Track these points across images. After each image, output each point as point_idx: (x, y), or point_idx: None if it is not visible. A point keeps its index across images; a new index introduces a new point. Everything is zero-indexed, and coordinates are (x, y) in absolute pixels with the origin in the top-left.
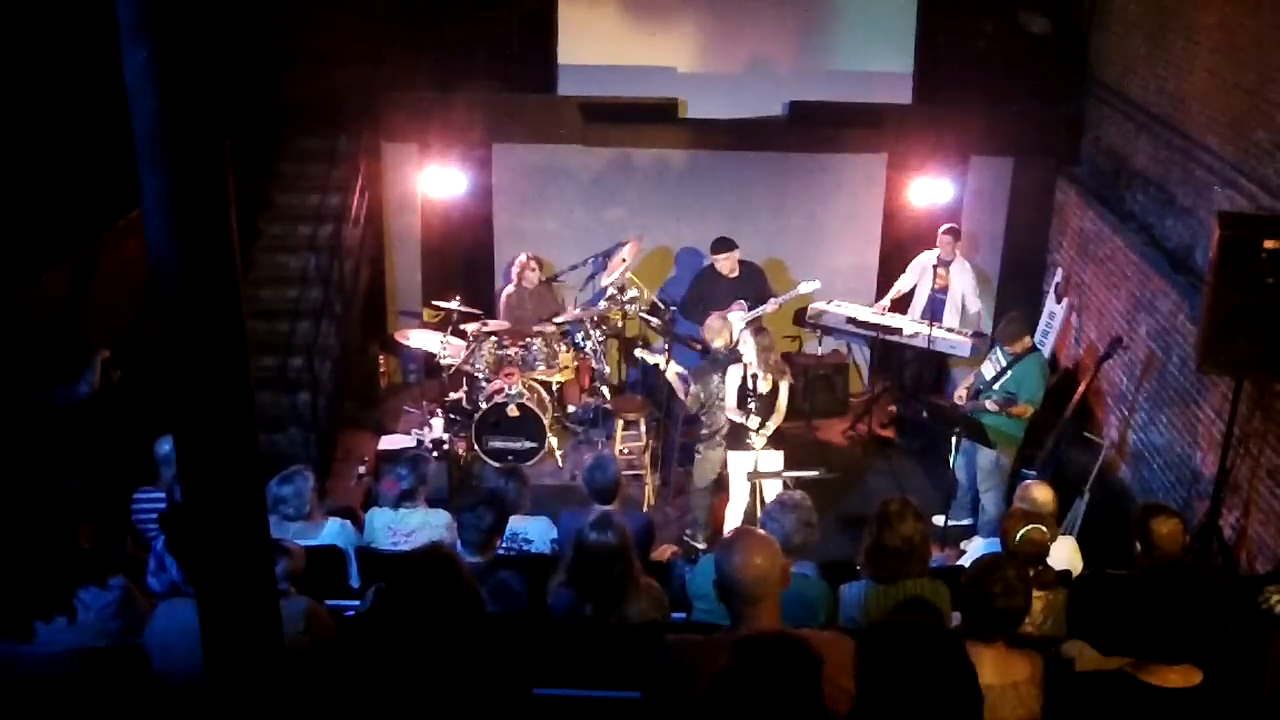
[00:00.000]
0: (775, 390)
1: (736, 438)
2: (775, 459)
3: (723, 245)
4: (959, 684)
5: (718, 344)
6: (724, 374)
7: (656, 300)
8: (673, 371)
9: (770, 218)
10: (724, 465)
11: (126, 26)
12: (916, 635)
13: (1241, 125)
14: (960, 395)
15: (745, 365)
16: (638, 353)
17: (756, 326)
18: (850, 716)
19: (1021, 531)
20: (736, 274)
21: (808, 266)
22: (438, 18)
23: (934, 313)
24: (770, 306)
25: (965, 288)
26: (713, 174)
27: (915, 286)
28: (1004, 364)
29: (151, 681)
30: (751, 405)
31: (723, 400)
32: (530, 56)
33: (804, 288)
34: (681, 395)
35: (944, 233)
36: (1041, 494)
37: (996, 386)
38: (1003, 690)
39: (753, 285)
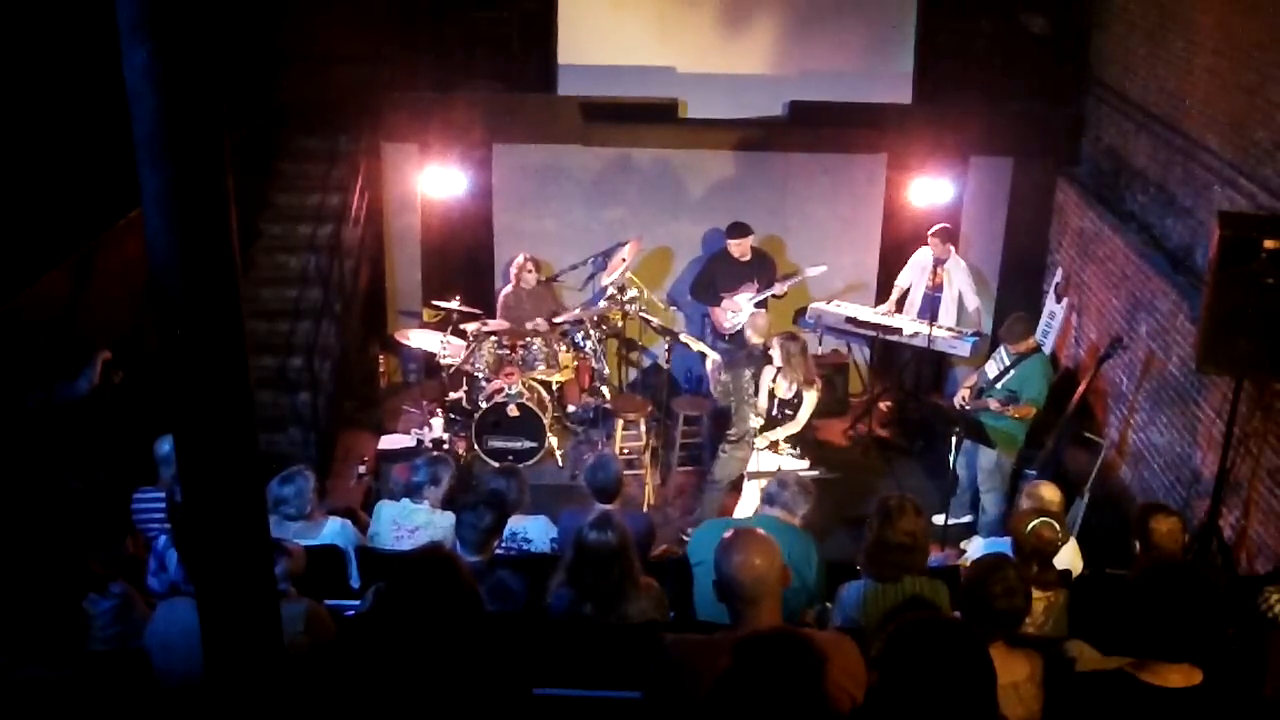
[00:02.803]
0: (799, 398)
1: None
2: (792, 462)
3: (738, 230)
4: (980, 678)
5: (747, 334)
6: (757, 369)
7: (659, 301)
8: (711, 360)
9: (770, 218)
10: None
11: (126, 26)
12: (939, 631)
13: (1241, 125)
14: (963, 395)
15: (776, 369)
16: (683, 338)
17: (789, 334)
18: (868, 710)
19: (1032, 524)
20: (748, 259)
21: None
22: (438, 18)
23: (930, 312)
24: (778, 289)
25: (962, 285)
26: (713, 174)
27: (911, 285)
28: (1007, 363)
29: (151, 683)
30: (779, 410)
31: (751, 396)
32: (530, 56)
33: (811, 271)
34: (712, 384)
35: (933, 234)
36: (1048, 493)
37: (999, 386)
38: (1003, 690)
39: (762, 271)
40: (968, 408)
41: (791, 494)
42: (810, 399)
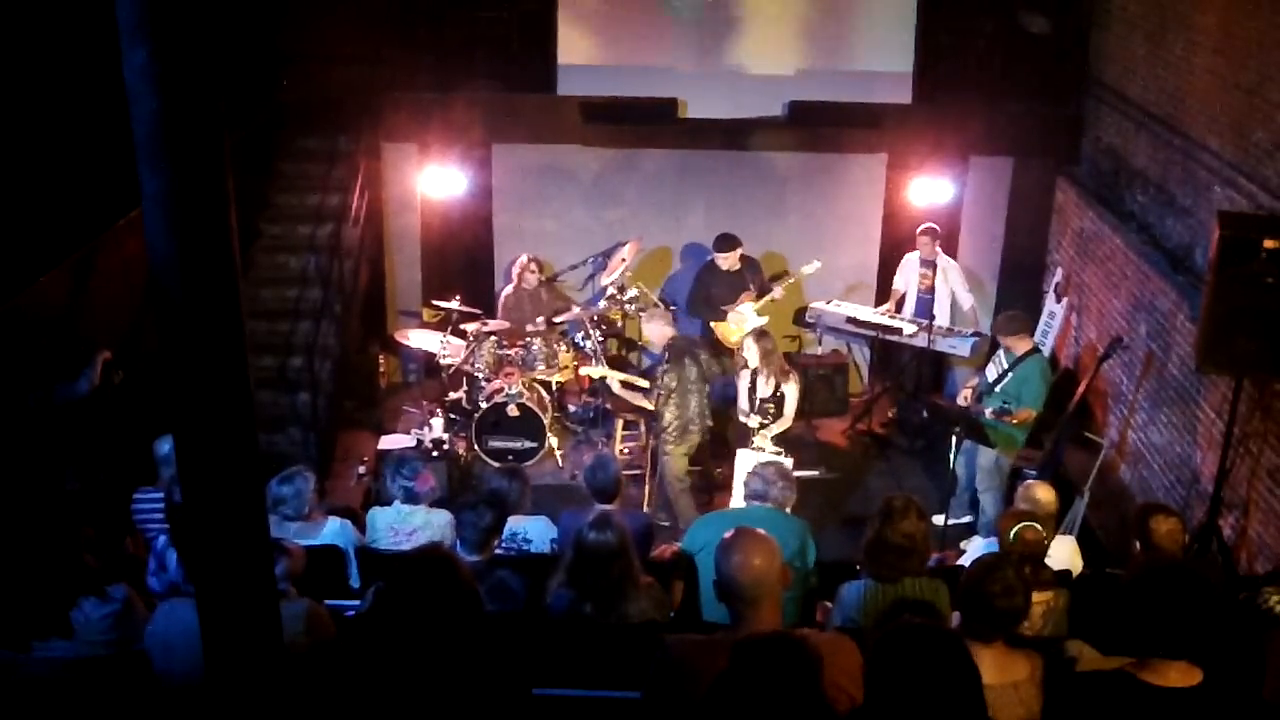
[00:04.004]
0: (780, 393)
1: (743, 439)
2: (785, 464)
3: (727, 244)
4: (965, 686)
5: (656, 335)
6: (695, 358)
7: (657, 299)
8: (616, 381)
9: (770, 218)
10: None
11: (126, 27)
12: (924, 638)
13: (1241, 125)
14: (964, 397)
15: (751, 370)
16: (583, 370)
17: (759, 331)
18: (856, 716)
19: (1015, 530)
20: (738, 268)
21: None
22: (438, 18)
23: (925, 314)
24: (777, 293)
25: (954, 285)
26: (713, 174)
27: (905, 288)
28: (1005, 366)
29: (150, 685)
30: (759, 407)
31: (694, 383)
32: (530, 56)
33: (806, 269)
34: (640, 401)
35: (921, 233)
36: (1042, 493)
37: (998, 390)
38: (1003, 690)
39: (754, 276)
40: (972, 412)
41: (777, 488)
42: (792, 391)
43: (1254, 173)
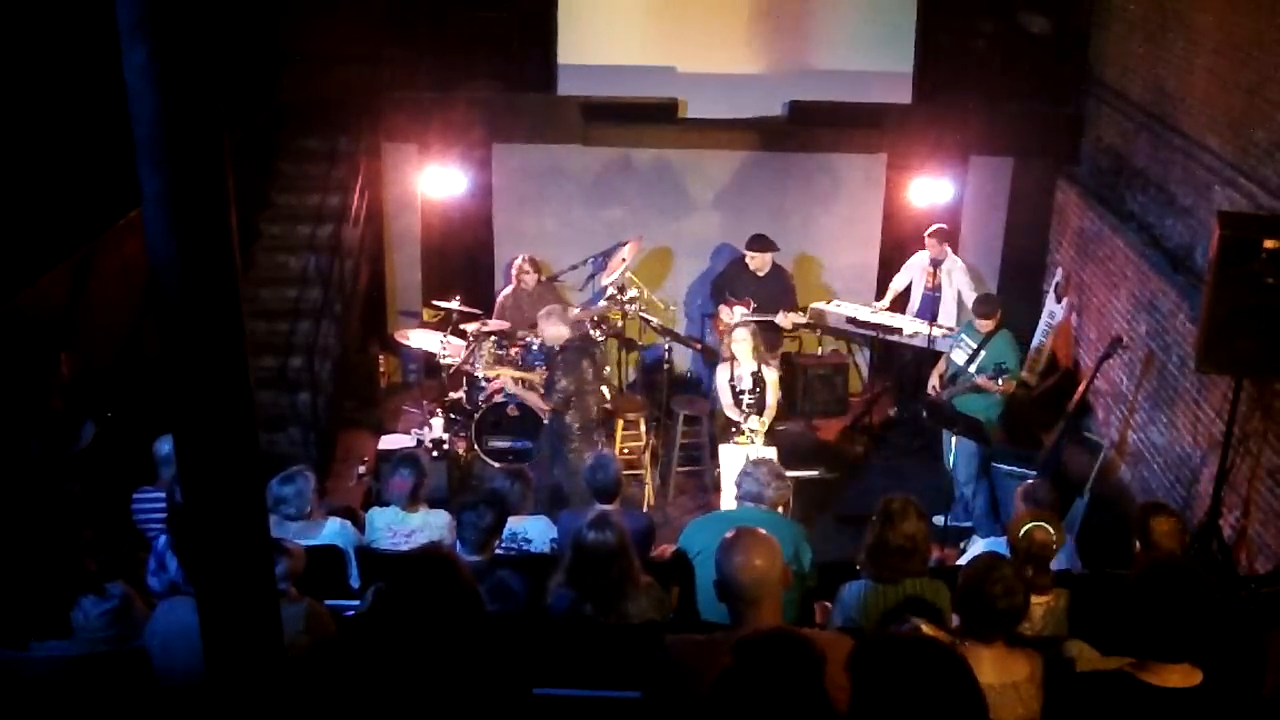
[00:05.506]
0: (760, 382)
1: (727, 434)
2: (768, 454)
3: (756, 244)
4: (961, 698)
5: (549, 336)
6: (590, 356)
7: (660, 301)
8: (510, 379)
9: (770, 218)
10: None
11: (126, 26)
12: (914, 651)
13: (1241, 125)
14: (934, 386)
15: (733, 363)
16: (510, 390)
17: (747, 324)
18: None
19: (1025, 528)
20: (763, 274)
21: (808, 266)
22: (438, 18)
23: (930, 312)
24: (760, 318)
25: (961, 285)
26: (713, 174)
27: (910, 286)
28: (975, 345)
29: (149, 683)
30: (745, 401)
31: (591, 383)
32: (530, 56)
33: (792, 319)
34: (539, 404)
35: (930, 234)
36: (1042, 493)
37: (972, 369)
38: (1003, 690)
39: (767, 290)
40: (944, 396)
41: (772, 488)
42: (772, 376)
43: (1254, 173)
